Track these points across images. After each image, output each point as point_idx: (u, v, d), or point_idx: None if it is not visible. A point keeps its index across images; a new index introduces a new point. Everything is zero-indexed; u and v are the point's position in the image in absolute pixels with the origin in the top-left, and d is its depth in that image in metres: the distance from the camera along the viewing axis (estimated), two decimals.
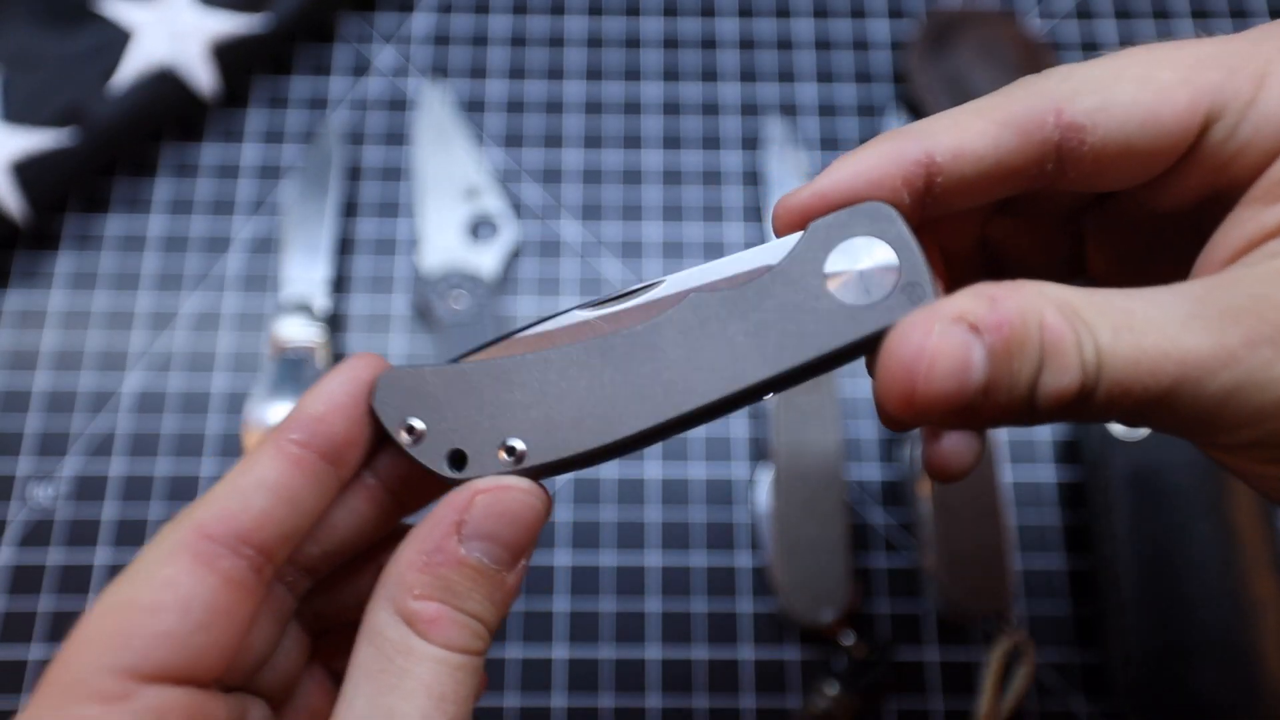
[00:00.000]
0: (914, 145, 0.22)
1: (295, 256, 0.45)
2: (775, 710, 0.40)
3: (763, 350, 0.21)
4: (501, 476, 0.22)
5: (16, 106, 0.45)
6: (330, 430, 0.22)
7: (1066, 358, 0.18)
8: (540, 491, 0.22)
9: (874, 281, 0.21)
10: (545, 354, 0.22)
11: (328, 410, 0.23)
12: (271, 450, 0.22)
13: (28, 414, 0.44)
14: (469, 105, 0.49)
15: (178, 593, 0.20)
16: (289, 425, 0.22)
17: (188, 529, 0.21)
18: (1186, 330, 0.18)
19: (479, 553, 0.21)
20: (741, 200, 0.48)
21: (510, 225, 0.46)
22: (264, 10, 0.47)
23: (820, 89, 0.50)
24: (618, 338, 0.22)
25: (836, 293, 0.21)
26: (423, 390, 0.23)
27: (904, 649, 0.41)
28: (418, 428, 0.23)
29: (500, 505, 0.21)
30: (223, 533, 0.21)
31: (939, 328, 0.19)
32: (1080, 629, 0.41)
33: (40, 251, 0.46)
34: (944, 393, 0.19)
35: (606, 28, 0.51)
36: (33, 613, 0.41)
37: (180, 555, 0.21)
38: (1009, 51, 0.48)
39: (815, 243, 0.22)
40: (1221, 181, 0.22)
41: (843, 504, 0.41)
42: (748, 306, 0.22)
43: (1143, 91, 0.21)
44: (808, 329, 0.21)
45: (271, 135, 0.48)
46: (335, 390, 0.23)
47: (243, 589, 0.21)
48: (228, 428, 0.43)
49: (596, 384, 0.22)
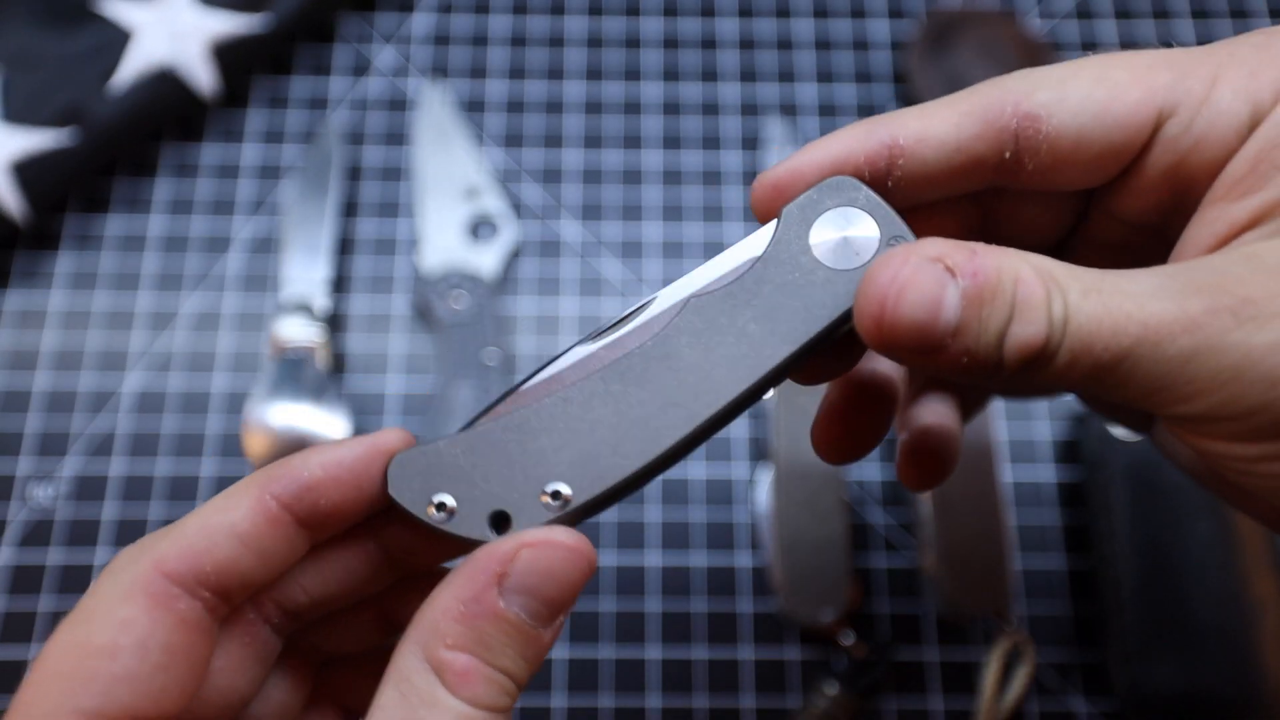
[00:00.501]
0: (880, 129, 0.23)
1: (295, 256, 0.45)
2: (775, 710, 0.40)
3: (776, 331, 0.22)
4: (550, 528, 0.21)
5: (16, 106, 0.45)
6: (317, 500, 0.22)
7: (1035, 310, 0.19)
8: (587, 549, 0.21)
9: (859, 245, 0.22)
10: (562, 394, 0.22)
11: (324, 479, 0.22)
12: (251, 500, 0.21)
13: (28, 414, 0.44)
14: (469, 105, 0.49)
15: (134, 634, 0.20)
16: (277, 479, 0.22)
17: (147, 565, 0.20)
18: (1152, 298, 0.19)
19: (518, 608, 0.20)
20: (741, 200, 0.48)
21: (510, 225, 0.46)
22: (264, 10, 0.47)
23: (820, 89, 0.50)
24: (631, 358, 0.22)
25: (828, 262, 0.22)
26: (442, 464, 0.22)
27: (904, 649, 0.41)
28: (448, 504, 0.22)
29: (546, 561, 0.21)
30: (182, 572, 0.20)
31: (915, 260, 0.20)
32: (1080, 629, 0.41)
33: (40, 251, 0.46)
34: (913, 321, 0.19)
35: (606, 28, 0.51)
36: (33, 613, 0.41)
37: (137, 595, 0.20)
38: (1009, 51, 0.48)
39: (794, 223, 0.23)
40: (1180, 183, 0.22)
41: (843, 504, 0.41)
42: (748, 296, 0.22)
43: (1097, 87, 0.22)
44: (812, 300, 0.22)
45: (271, 135, 0.48)
46: (341, 460, 0.22)
47: (199, 630, 0.21)
48: (228, 428, 0.43)
49: (623, 407, 0.22)
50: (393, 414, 0.44)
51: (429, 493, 0.22)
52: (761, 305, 0.22)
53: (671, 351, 0.22)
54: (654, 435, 0.22)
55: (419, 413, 0.44)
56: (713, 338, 0.22)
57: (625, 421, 0.22)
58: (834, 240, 0.22)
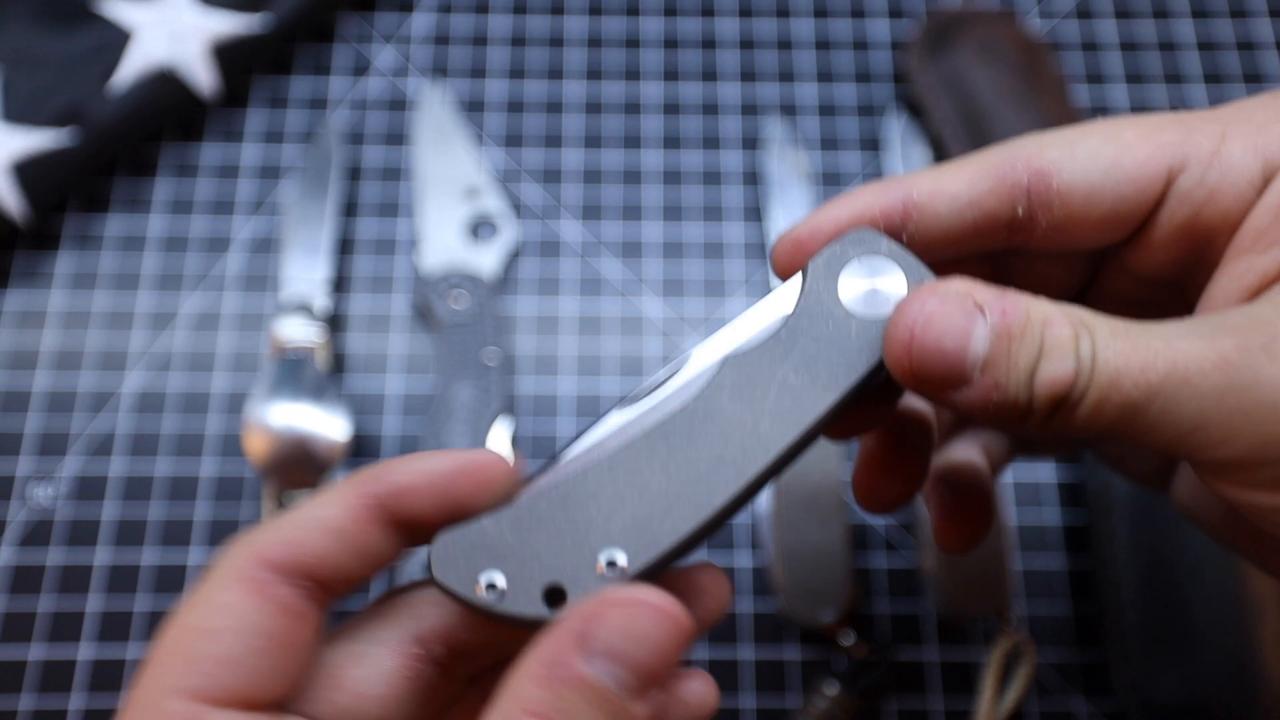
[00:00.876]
0: (895, 187, 0.24)
1: (295, 256, 0.45)
2: (775, 710, 0.40)
3: (818, 382, 0.22)
4: (637, 586, 0.20)
5: (16, 106, 0.45)
6: (407, 504, 0.22)
7: (1064, 349, 0.19)
8: (678, 611, 0.19)
9: (887, 294, 0.23)
10: (606, 460, 0.22)
11: (415, 484, 0.22)
12: (346, 497, 0.22)
13: (28, 414, 0.44)
14: (469, 105, 0.49)
15: (233, 617, 0.20)
16: (371, 480, 0.22)
17: (247, 553, 0.21)
18: (1181, 337, 0.19)
19: (604, 673, 0.19)
20: (741, 200, 0.48)
21: (510, 225, 0.47)
22: (264, 10, 0.47)
23: (820, 89, 0.50)
24: (673, 420, 0.22)
25: (860, 312, 0.23)
26: (487, 541, 0.22)
27: (904, 649, 0.41)
28: (498, 583, 0.21)
29: (631, 622, 0.19)
30: (279, 560, 0.21)
31: (944, 294, 0.20)
32: (1080, 629, 0.41)
33: (40, 251, 0.46)
34: (941, 350, 0.20)
35: (606, 28, 0.51)
36: (33, 613, 0.41)
37: (236, 581, 0.21)
38: (1009, 51, 0.48)
39: (820, 276, 0.23)
40: (1197, 237, 0.23)
41: (843, 504, 0.41)
42: (784, 351, 0.23)
43: (1106, 145, 0.23)
44: (848, 349, 0.22)
45: (271, 135, 0.48)
46: (434, 468, 0.22)
47: (297, 616, 0.21)
48: (228, 428, 0.43)
49: (671, 469, 0.22)
50: (393, 414, 0.44)
51: (476, 572, 0.21)
52: (799, 358, 0.23)
53: (714, 409, 0.22)
54: (706, 494, 0.22)
55: (419, 413, 0.44)
56: (754, 392, 0.22)
57: (675, 483, 0.22)
58: (862, 290, 0.23)
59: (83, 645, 0.40)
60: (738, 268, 0.46)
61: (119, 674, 0.40)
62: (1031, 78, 0.47)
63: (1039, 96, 0.47)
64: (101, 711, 0.39)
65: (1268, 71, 0.50)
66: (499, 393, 0.43)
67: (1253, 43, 0.51)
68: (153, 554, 0.41)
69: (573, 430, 0.44)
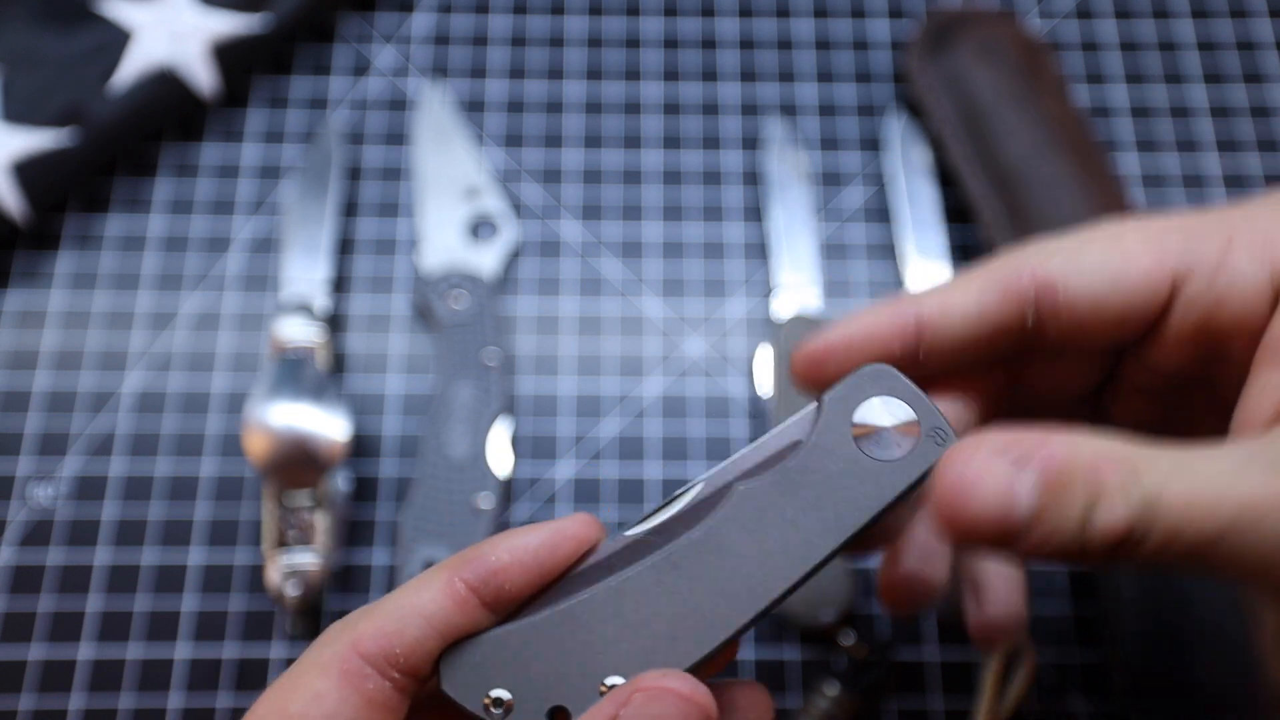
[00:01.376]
0: (906, 305, 0.25)
1: (295, 256, 0.45)
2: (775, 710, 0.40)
3: (825, 522, 0.23)
4: (667, 673, 0.21)
5: (16, 106, 0.45)
6: (503, 585, 0.22)
7: (1116, 494, 0.19)
8: (704, 699, 0.21)
9: (900, 435, 0.23)
10: (614, 584, 0.23)
11: (511, 564, 0.23)
12: (441, 583, 0.22)
13: (28, 414, 0.44)
14: (469, 105, 0.49)
15: (325, 708, 0.21)
16: (466, 563, 0.23)
17: (345, 641, 0.22)
18: (1242, 474, 0.19)
19: None
20: (741, 200, 0.48)
21: (510, 225, 0.46)
22: (264, 10, 0.47)
23: (820, 89, 0.50)
24: (682, 549, 0.23)
25: (871, 453, 0.23)
26: (496, 657, 0.22)
27: (904, 649, 0.41)
28: (505, 699, 0.22)
29: (658, 709, 0.20)
30: (374, 652, 0.21)
31: (982, 454, 0.20)
32: (1080, 629, 0.41)
33: (40, 251, 0.46)
34: (985, 516, 0.19)
35: (606, 28, 0.51)
36: (33, 613, 0.41)
37: (332, 670, 0.21)
38: (1009, 51, 0.48)
39: (835, 413, 0.24)
40: (1212, 338, 0.23)
41: None
42: (795, 486, 0.23)
43: (1109, 253, 0.23)
44: (858, 492, 0.23)
45: (271, 135, 0.48)
46: (527, 546, 0.23)
47: (385, 709, 0.21)
48: (228, 428, 0.43)
49: (678, 599, 0.22)
50: (393, 414, 0.44)
51: (485, 687, 0.22)
52: (808, 496, 0.23)
53: (723, 543, 0.23)
54: (709, 627, 0.22)
55: (419, 413, 0.44)
56: (762, 529, 0.23)
57: (680, 613, 0.22)
58: (875, 431, 0.23)
59: (83, 645, 0.40)
60: (738, 268, 0.46)
61: (119, 674, 0.40)
62: (1031, 78, 0.47)
63: (1039, 96, 0.47)
64: (101, 711, 0.39)
65: (1268, 71, 0.50)
66: (499, 393, 0.43)
67: (1253, 43, 0.51)
68: (153, 554, 0.41)
69: (573, 430, 0.44)
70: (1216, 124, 0.49)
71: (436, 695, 0.23)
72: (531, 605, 0.23)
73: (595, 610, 0.22)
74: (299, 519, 0.40)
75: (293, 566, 0.39)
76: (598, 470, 0.43)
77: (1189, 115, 0.49)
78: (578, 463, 0.43)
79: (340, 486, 0.41)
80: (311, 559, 0.39)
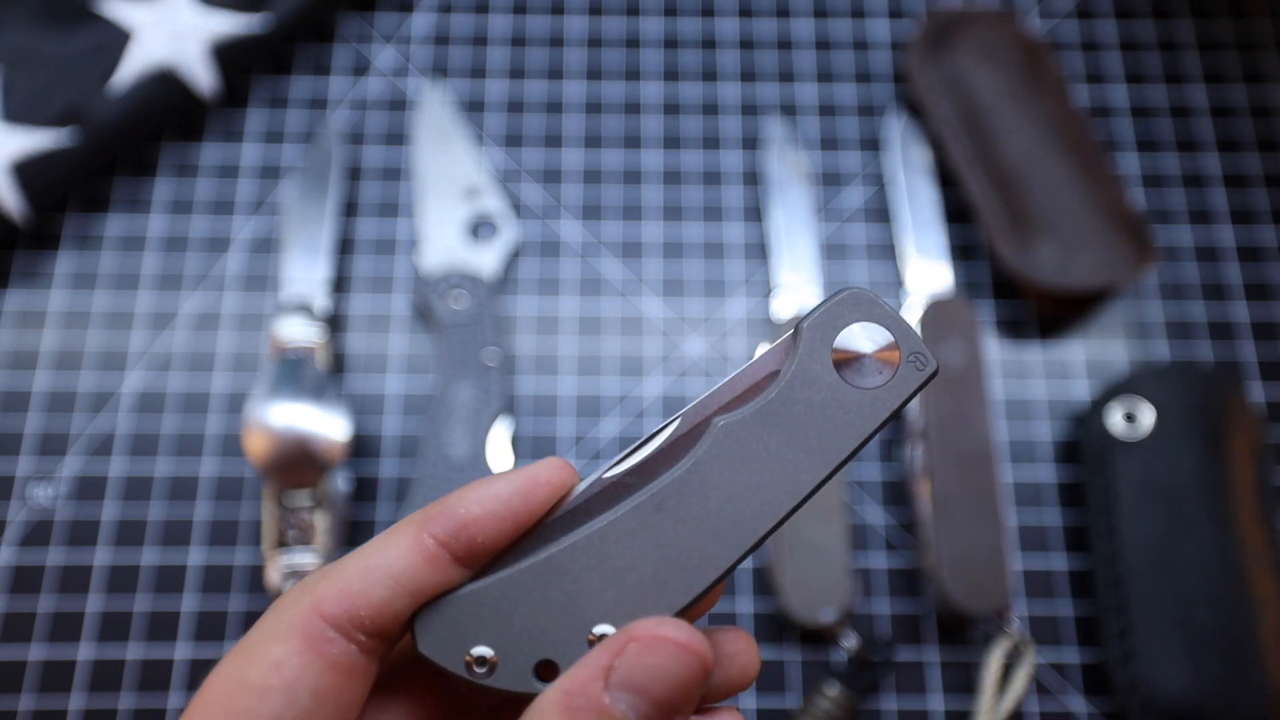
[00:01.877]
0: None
1: (295, 256, 0.45)
2: (775, 710, 0.40)
3: (810, 454, 0.22)
4: (662, 621, 0.20)
5: (16, 106, 0.45)
6: (474, 537, 0.21)
7: None
8: (700, 646, 0.20)
9: (880, 362, 0.23)
10: (596, 530, 0.22)
11: (482, 515, 0.22)
12: (409, 539, 0.21)
13: (28, 414, 0.44)
14: (469, 105, 0.49)
15: (285, 675, 0.20)
16: (434, 518, 0.21)
17: (305, 605, 0.20)
18: None
19: (626, 706, 0.19)
20: (742, 200, 0.48)
21: (510, 225, 0.46)
22: (264, 10, 0.47)
23: (820, 89, 0.50)
24: (665, 489, 0.22)
25: (852, 381, 0.23)
26: (475, 613, 0.21)
27: (904, 649, 0.41)
28: (488, 656, 0.21)
29: (653, 657, 0.19)
30: (338, 614, 0.20)
31: None
32: (1080, 629, 0.41)
33: (40, 251, 0.46)
34: None
35: (606, 28, 0.51)
36: (33, 613, 0.41)
37: (292, 635, 0.20)
38: (1009, 51, 0.48)
39: (814, 341, 0.23)
40: None
41: (843, 504, 0.41)
42: (776, 419, 0.22)
43: None
44: (841, 421, 0.22)
45: (271, 135, 0.48)
46: (498, 495, 0.22)
47: (351, 673, 0.20)
48: (228, 428, 0.43)
49: (663, 541, 0.22)
50: (393, 414, 0.44)
51: (465, 646, 0.21)
52: (791, 428, 0.22)
53: (706, 481, 0.22)
54: (698, 568, 0.22)
55: (419, 413, 0.44)
56: (746, 465, 0.22)
57: (666, 556, 0.22)
58: (855, 358, 0.23)
59: (83, 645, 0.40)
60: (738, 268, 0.46)
61: (119, 674, 0.40)
62: (1031, 78, 0.47)
63: (1039, 96, 0.47)
64: (101, 711, 0.39)
65: (1268, 71, 0.50)
66: (499, 393, 0.43)
67: (1253, 43, 0.51)
68: (153, 554, 0.41)
69: (573, 430, 0.44)
70: (1216, 124, 0.49)
71: (409, 658, 0.22)
72: (508, 557, 0.22)
73: (578, 558, 0.21)
74: (299, 519, 0.40)
75: (293, 566, 0.39)
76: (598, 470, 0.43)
77: (1189, 115, 0.49)
78: (578, 463, 0.43)
79: (340, 486, 0.41)
80: (311, 559, 0.39)
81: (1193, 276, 0.47)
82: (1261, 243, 0.47)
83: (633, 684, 0.19)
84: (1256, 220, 0.48)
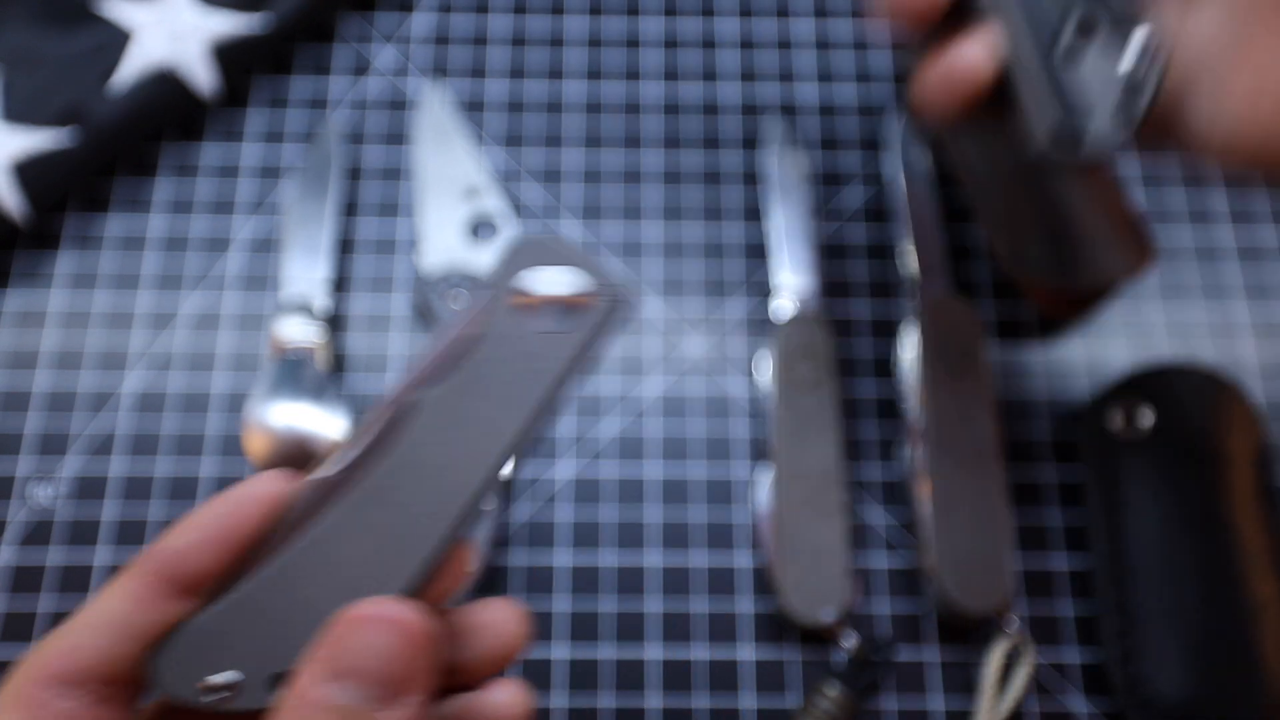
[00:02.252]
0: None
1: (295, 256, 0.45)
2: (775, 710, 0.40)
3: (510, 407, 0.22)
4: (370, 601, 0.20)
5: (16, 106, 0.45)
6: (192, 567, 0.21)
7: None
8: (409, 617, 0.20)
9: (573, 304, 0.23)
10: (316, 533, 0.22)
11: (195, 543, 0.21)
12: (131, 583, 0.21)
13: (28, 414, 0.44)
14: (469, 105, 0.49)
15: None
16: (151, 557, 0.21)
17: (21, 675, 0.20)
18: None
19: (346, 693, 0.19)
20: (742, 200, 0.48)
21: (510, 225, 0.47)
22: (264, 10, 0.47)
23: (820, 89, 0.50)
24: (376, 478, 0.22)
25: (547, 329, 0.23)
26: (204, 642, 0.21)
27: (904, 649, 0.41)
28: (230, 680, 0.21)
29: (360, 638, 0.20)
30: (60, 671, 0.20)
31: None
32: (1080, 629, 0.41)
33: (40, 251, 0.46)
34: None
35: (606, 28, 0.51)
36: (33, 613, 0.41)
37: (14, 707, 0.20)
38: None
39: (501, 296, 0.23)
40: None
41: (843, 504, 0.41)
42: (478, 381, 0.23)
43: None
44: (538, 369, 0.23)
45: (271, 135, 0.48)
46: (209, 521, 0.22)
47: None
48: (228, 428, 0.43)
49: (380, 530, 0.22)
50: None
51: (203, 674, 0.21)
52: (493, 387, 0.22)
53: (417, 459, 0.22)
54: (415, 543, 0.22)
55: None
56: (455, 433, 0.22)
57: (383, 543, 0.22)
58: (545, 304, 0.23)
59: None
60: (738, 268, 0.46)
61: None
62: None
63: None
64: None
65: None
66: None
67: None
68: None
69: (573, 430, 0.44)
70: None
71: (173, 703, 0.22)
72: (242, 576, 0.22)
73: (298, 565, 0.21)
74: None
75: None
76: (598, 470, 0.43)
77: None
78: (578, 462, 0.43)
79: None
80: None
81: (1193, 276, 0.47)
82: (1261, 243, 0.47)
83: (347, 669, 0.19)
84: (1256, 220, 0.48)
